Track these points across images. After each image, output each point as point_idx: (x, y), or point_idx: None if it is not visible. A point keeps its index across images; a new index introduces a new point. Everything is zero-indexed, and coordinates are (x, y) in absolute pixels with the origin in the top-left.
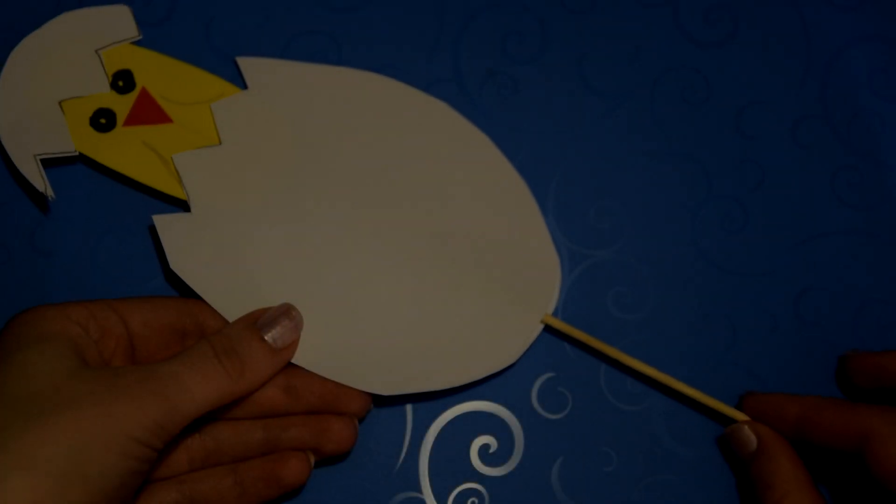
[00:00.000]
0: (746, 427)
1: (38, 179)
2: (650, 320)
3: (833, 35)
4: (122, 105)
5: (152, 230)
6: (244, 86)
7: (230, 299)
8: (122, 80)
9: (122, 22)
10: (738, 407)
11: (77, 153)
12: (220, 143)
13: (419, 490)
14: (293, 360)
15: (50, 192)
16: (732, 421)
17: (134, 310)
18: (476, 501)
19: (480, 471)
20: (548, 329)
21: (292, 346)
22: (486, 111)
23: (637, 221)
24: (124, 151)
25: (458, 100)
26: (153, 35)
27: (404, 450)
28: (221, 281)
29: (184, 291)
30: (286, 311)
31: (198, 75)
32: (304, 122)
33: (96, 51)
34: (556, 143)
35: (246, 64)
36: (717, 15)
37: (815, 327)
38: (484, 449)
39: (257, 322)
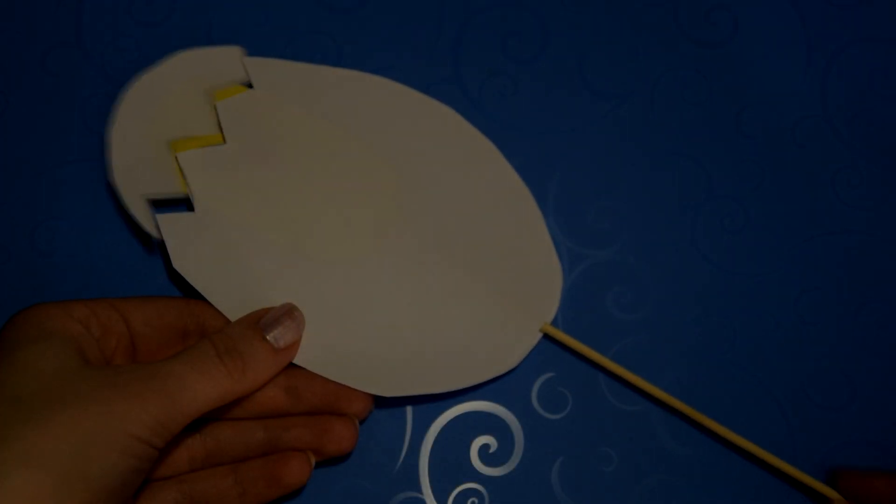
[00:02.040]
0: None
1: (147, 221)
2: (650, 320)
3: (833, 35)
4: None
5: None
6: (249, 86)
7: (232, 299)
8: None
9: (233, 63)
10: (831, 483)
11: (185, 195)
12: (225, 142)
13: (419, 490)
14: (295, 361)
15: (157, 234)
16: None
17: (135, 309)
18: (476, 501)
19: (480, 471)
20: (547, 337)
21: (294, 346)
22: (486, 111)
23: (637, 221)
24: None
25: (458, 100)
26: (153, 35)
27: (404, 450)
28: (224, 280)
29: (186, 291)
30: (288, 311)
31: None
32: (309, 123)
33: (207, 91)
34: (556, 143)
35: (251, 64)
36: (717, 15)
37: (815, 327)
38: (484, 449)
39: (259, 322)
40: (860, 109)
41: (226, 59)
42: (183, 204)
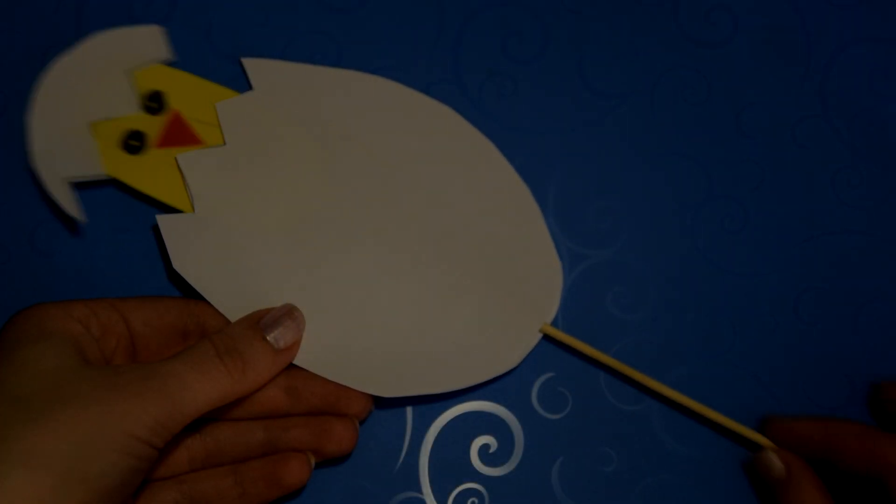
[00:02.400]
0: (774, 455)
1: (69, 203)
2: (650, 320)
3: (833, 35)
4: (153, 127)
5: (155, 230)
6: (248, 86)
7: (232, 299)
8: (154, 102)
9: (154, 42)
10: (760, 430)
11: (107, 176)
12: (225, 143)
13: (419, 490)
14: (295, 361)
15: (81, 217)
16: (752, 442)
17: (135, 309)
18: (476, 501)
19: (480, 471)
20: (547, 338)
21: (294, 346)
22: (486, 111)
23: (637, 221)
24: (155, 174)
25: (458, 100)
26: None
27: (404, 450)
28: (224, 281)
29: (186, 291)
30: (288, 312)
31: (230, 96)
32: (309, 124)
33: (128, 72)
34: (556, 143)
35: (251, 65)
36: (717, 15)
37: (815, 327)
38: (484, 449)
39: (260, 322)
40: (860, 109)
41: (145, 39)
42: (106, 185)
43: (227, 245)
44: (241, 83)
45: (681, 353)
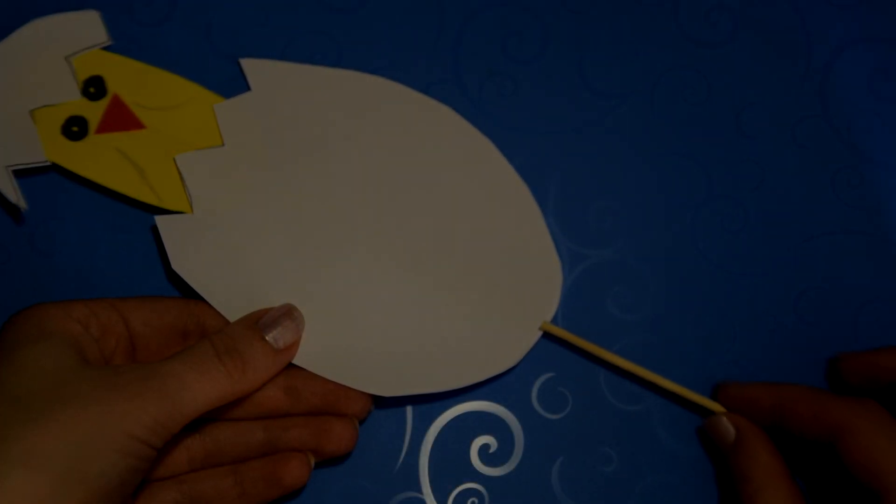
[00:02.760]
0: (725, 419)
1: (10, 191)
2: (650, 320)
3: (833, 35)
4: (94, 112)
5: (154, 230)
6: (247, 87)
7: (232, 299)
8: (94, 87)
9: (92, 27)
10: (714, 397)
11: (49, 163)
12: (223, 144)
13: (419, 490)
14: (294, 361)
15: (22, 204)
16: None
17: (135, 309)
18: (476, 501)
19: (480, 471)
20: (547, 336)
21: (293, 346)
22: (486, 111)
23: (637, 221)
24: (97, 159)
25: (458, 100)
26: (153, 35)
27: (404, 450)
28: (223, 281)
29: (185, 292)
30: (288, 312)
31: (170, 80)
32: (307, 125)
33: (67, 58)
34: (556, 143)
35: (249, 65)
36: (717, 15)
37: (815, 327)
38: (484, 449)
39: (259, 322)
40: (860, 109)
41: (84, 24)
42: (48, 171)
43: (226, 245)
44: (240, 83)
45: (681, 353)
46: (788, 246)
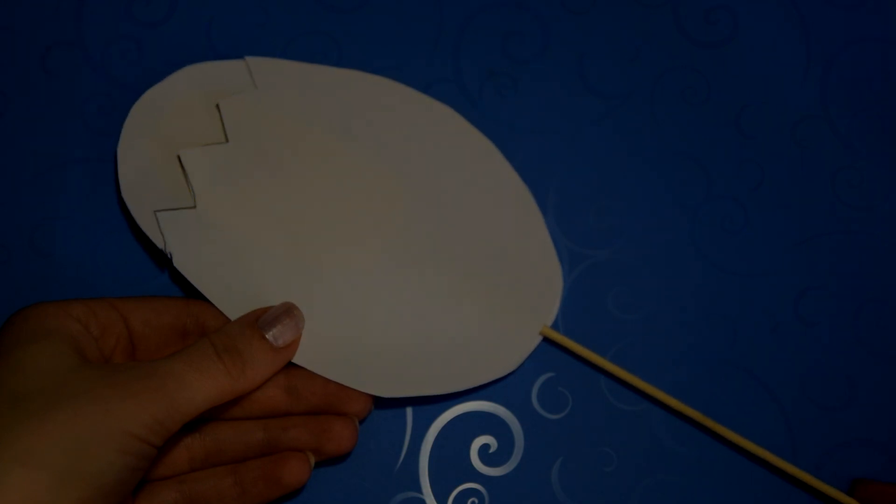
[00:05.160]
0: None
1: (158, 236)
2: (650, 320)
3: (833, 35)
4: None
5: None
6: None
7: (232, 297)
8: None
9: (240, 75)
10: (850, 492)
11: (196, 207)
12: (227, 141)
13: (419, 490)
14: (294, 361)
15: (169, 251)
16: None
17: (135, 308)
18: (476, 501)
19: (480, 471)
20: (547, 340)
21: (293, 345)
22: (486, 111)
23: (637, 221)
24: None
25: (458, 100)
26: (153, 35)
27: (404, 450)
28: (224, 279)
29: (186, 291)
30: (288, 310)
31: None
32: (311, 123)
33: (217, 105)
34: (556, 143)
35: (254, 63)
36: (717, 15)
37: (815, 327)
38: (484, 449)
39: (258, 320)
40: (860, 109)
41: (233, 72)
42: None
43: (227, 243)
44: None
45: (681, 353)
46: (788, 246)
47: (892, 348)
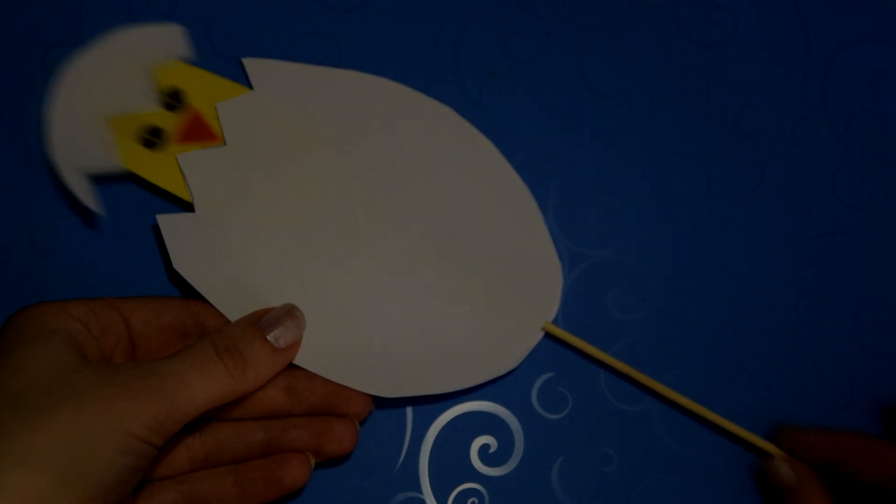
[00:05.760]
0: (785, 465)
1: (86, 196)
2: (650, 320)
3: (833, 35)
4: (171, 123)
5: (155, 229)
6: (249, 86)
7: (233, 299)
8: (173, 99)
9: (174, 40)
10: (772, 438)
11: (124, 170)
12: (225, 143)
13: (419, 490)
14: (295, 361)
15: (98, 209)
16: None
17: (135, 309)
18: (476, 501)
19: (480, 471)
20: (548, 336)
21: (294, 346)
22: (486, 111)
23: (637, 221)
24: (173, 170)
25: (458, 100)
26: None
27: (404, 450)
28: (224, 281)
29: (187, 291)
30: (289, 312)
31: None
32: (309, 124)
33: (148, 68)
34: (556, 143)
35: (251, 65)
36: (717, 15)
37: (815, 327)
38: (484, 449)
39: (260, 321)
40: (860, 109)
41: (167, 37)
42: (123, 180)
43: (227, 245)
44: (241, 83)
45: (681, 353)
46: (788, 246)
47: (892, 348)
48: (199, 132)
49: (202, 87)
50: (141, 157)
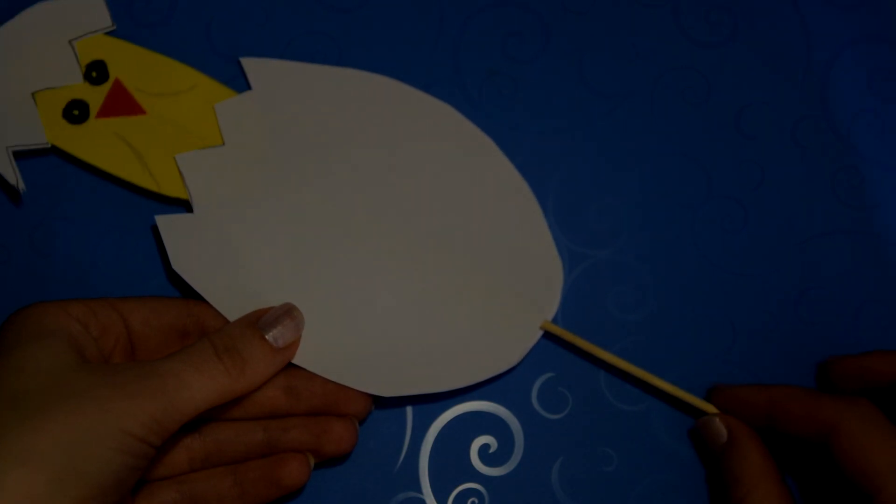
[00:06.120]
0: (717, 420)
1: (10, 172)
2: (650, 320)
3: (833, 35)
4: (95, 96)
5: (154, 230)
6: (247, 86)
7: (232, 299)
8: (96, 71)
9: (95, 12)
10: (707, 399)
11: (49, 145)
12: (224, 143)
13: (419, 490)
14: (294, 361)
15: (21, 185)
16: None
17: (134, 309)
18: (476, 501)
19: (480, 471)
20: (547, 335)
21: (293, 345)
22: (487, 111)
23: (637, 221)
24: (97, 143)
25: (458, 100)
26: (153, 35)
27: (404, 450)
28: (223, 281)
29: (186, 291)
30: (287, 311)
31: (172, 66)
32: (308, 124)
33: (70, 41)
34: (556, 143)
35: (250, 64)
36: (717, 15)
37: (815, 327)
38: (484, 449)
39: (259, 321)
40: (860, 109)
41: (88, 9)
42: (48, 154)
43: (226, 245)
44: (240, 83)
45: (681, 353)
46: (788, 246)
47: (892, 348)
48: (122, 104)
49: (125, 59)
50: (65, 131)
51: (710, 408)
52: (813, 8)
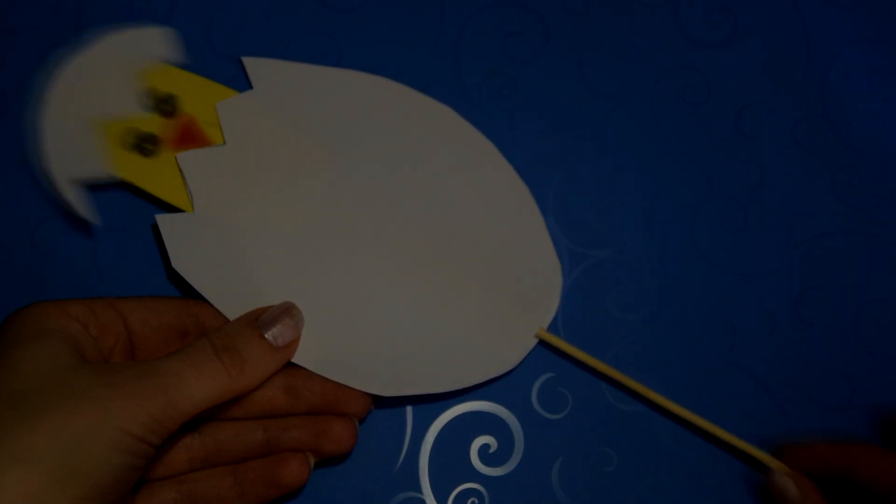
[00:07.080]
0: (790, 480)
1: (79, 205)
2: (650, 320)
3: (833, 35)
4: (165, 129)
5: (155, 229)
6: (248, 85)
7: (231, 298)
8: (166, 104)
9: (163, 44)
10: (777, 455)
11: (118, 178)
12: (225, 142)
13: (419, 490)
14: (294, 360)
15: (93, 218)
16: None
17: (134, 308)
18: (476, 501)
19: (480, 471)
20: (543, 343)
21: (293, 344)
22: (487, 111)
23: (637, 221)
24: (167, 177)
25: (458, 100)
26: None
27: (404, 450)
28: (223, 280)
29: (185, 291)
30: (287, 310)
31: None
32: (309, 124)
33: (138, 73)
34: (556, 143)
35: (251, 64)
36: (717, 15)
37: (815, 327)
38: (484, 449)
39: (258, 320)
40: (860, 109)
41: (155, 40)
42: (117, 187)
43: (226, 244)
44: (241, 83)
45: (681, 353)
46: (788, 246)
47: (892, 348)
48: (192, 138)
49: (195, 92)
50: (134, 164)
51: (778, 464)
52: (813, 8)
